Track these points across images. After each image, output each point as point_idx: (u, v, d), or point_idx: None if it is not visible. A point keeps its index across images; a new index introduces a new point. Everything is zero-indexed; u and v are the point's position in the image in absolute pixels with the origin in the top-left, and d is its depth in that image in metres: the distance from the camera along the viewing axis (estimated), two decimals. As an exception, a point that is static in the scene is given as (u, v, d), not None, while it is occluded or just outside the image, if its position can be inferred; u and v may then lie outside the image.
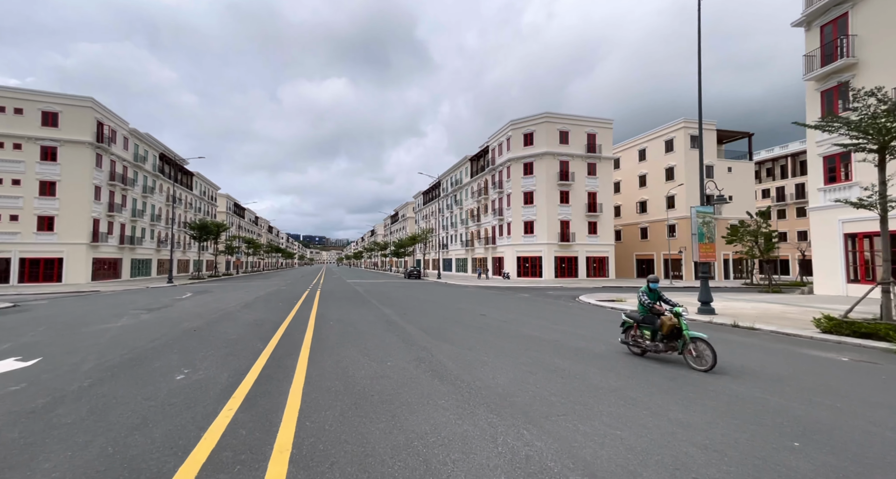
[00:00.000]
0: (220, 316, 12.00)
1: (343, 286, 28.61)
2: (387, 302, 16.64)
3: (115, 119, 38.79)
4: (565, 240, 38.78)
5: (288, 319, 11.34)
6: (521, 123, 40.29)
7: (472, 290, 25.53)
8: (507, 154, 41.87)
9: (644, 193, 43.95)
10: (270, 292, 22.53)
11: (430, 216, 73.57)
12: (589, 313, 13.26)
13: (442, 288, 27.41)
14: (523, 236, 39.93)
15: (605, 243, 40.12)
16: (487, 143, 47.78)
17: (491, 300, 17.86)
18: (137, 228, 43.91)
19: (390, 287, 27.91)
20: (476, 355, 6.95)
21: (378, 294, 21.15)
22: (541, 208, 39.02)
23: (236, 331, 9.24)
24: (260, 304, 15.91)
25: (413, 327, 9.87)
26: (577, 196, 39.51)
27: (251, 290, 25.17)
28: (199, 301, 17.50)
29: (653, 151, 42.61)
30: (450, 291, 24.60)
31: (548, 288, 27.36)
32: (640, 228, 44.52)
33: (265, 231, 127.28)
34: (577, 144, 39.65)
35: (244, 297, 19.49)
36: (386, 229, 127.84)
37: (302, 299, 18.22)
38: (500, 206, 43.55)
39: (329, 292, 22.35)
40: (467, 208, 54.42)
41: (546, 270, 38.32)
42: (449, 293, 22.26)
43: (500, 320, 11.21)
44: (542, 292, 23.28)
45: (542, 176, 38.98)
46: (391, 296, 19.97)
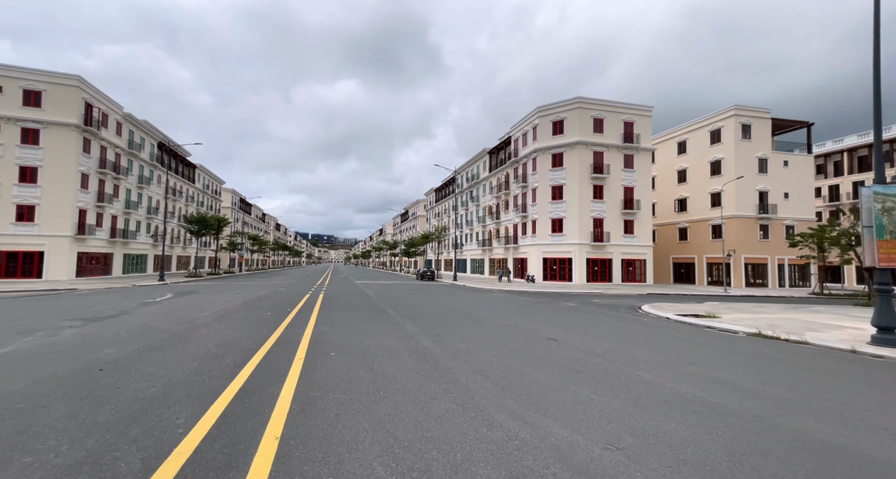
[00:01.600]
0: (172, 336, 8.32)
1: (350, 288, 24.94)
2: (406, 312, 12.87)
3: (107, 101, 35.67)
4: (598, 240, 34.70)
5: (268, 343, 7.61)
6: (549, 110, 36.32)
7: (501, 296, 21.66)
8: (532, 144, 37.92)
9: (683, 190, 39.66)
10: (264, 295, 18.91)
11: (443, 214, 69.83)
12: (694, 337, 9.33)
13: (464, 293, 23.58)
14: (550, 235, 35.93)
15: (643, 244, 35.93)
16: (509, 133, 43.86)
17: (536, 312, 13.98)
18: (131, 221, 40.82)
19: (405, 290, 24.16)
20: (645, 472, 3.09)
21: (392, 300, 17.39)
22: (571, 204, 34.99)
23: (171, 374, 5.51)
24: (242, 313, 12.23)
25: (464, 366, 6.05)
26: (611, 191, 35.40)
27: (244, 291, 21.61)
28: (169, 307, 13.91)
29: (695, 143, 38.31)
30: (476, 296, 20.76)
31: (585, 294, 23.34)
32: (678, 229, 40.23)
33: (272, 228, 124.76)
34: (612, 132, 35.55)
35: (229, 301, 15.87)
36: (395, 228, 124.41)
37: (299, 306, 14.54)
38: (523, 202, 39.60)
39: (334, 297, 18.66)
40: (485, 205, 50.53)
41: (577, 273, 34.27)
42: (478, 300, 18.42)
43: (584, 351, 7.36)
44: (585, 300, 19.32)
45: (574, 168, 34.94)
46: (409, 303, 16.21)
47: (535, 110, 37.25)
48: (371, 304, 15.58)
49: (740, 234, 34.01)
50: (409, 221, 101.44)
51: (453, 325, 10.39)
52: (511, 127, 43.35)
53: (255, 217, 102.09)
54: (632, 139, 35.53)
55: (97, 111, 34.13)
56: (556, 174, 35.90)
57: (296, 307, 13.86)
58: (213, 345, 7.34)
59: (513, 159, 41.54)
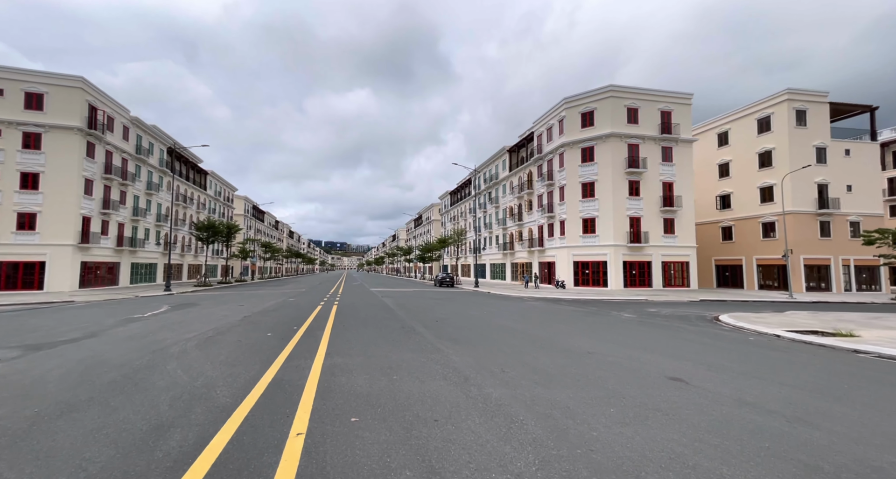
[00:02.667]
0: (118, 379, 5.83)
1: (367, 298, 22.44)
2: (441, 331, 10.21)
3: (112, 104, 34.29)
4: (636, 241, 31.53)
5: (254, 393, 5.04)
6: (578, 101, 33.50)
7: (537, 305, 18.82)
8: (559, 139, 35.09)
9: (726, 185, 36.20)
10: (270, 308, 16.51)
11: (459, 218, 67.25)
12: (864, 371, 6.42)
13: (494, 302, 20.81)
14: (582, 237, 32.91)
15: (685, 244, 32.59)
16: (532, 128, 41.12)
17: (599, 328, 11.16)
18: (139, 228, 39.34)
19: (427, 299, 21.52)
20: None
21: (418, 312, 14.75)
22: (604, 202, 31.96)
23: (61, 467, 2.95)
24: (236, 334, 9.75)
25: (593, 454, 3.37)
26: (649, 187, 32.26)
27: (250, 302, 19.29)
28: (153, 325, 11.55)
29: (739, 134, 34.91)
30: (510, 306, 17.98)
31: (630, 302, 20.26)
32: (720, 228, 36.72)
33: (286, 236, 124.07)
34: (648, 123, 32.49)
35: (228, 316, 13.47)
36: (409, 234, 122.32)
37: (308, 322, 12.03)
38: (549, 201, 36.70)
39: (349, 309, 16.13)
40: (505, 206, 47.73)
41: (613, 277, 31.12)
42: (515, 311, 15.64)
43: (738, 403, 4.56)
44: (638, 309, 16.34)
45: (607, 163, 31.96)
46: (439, 316, 13.54)
47: (562, 102, 34.48)
48: (395, 318, 12.97)
49: (797, 232, 30.40)
50: (423, 226, 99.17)
51: (510, 350, 7.69)
52: (533, 122, 40.64)
53: (268, 225, 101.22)
54: (669, 130, 32.40)
55: (101, 114, 32.72)
56: (587, 170, 32.95)
57: (304, 324, 11.34)
58: (167, 400, 4.79)
59: (536, 156, 38.75)
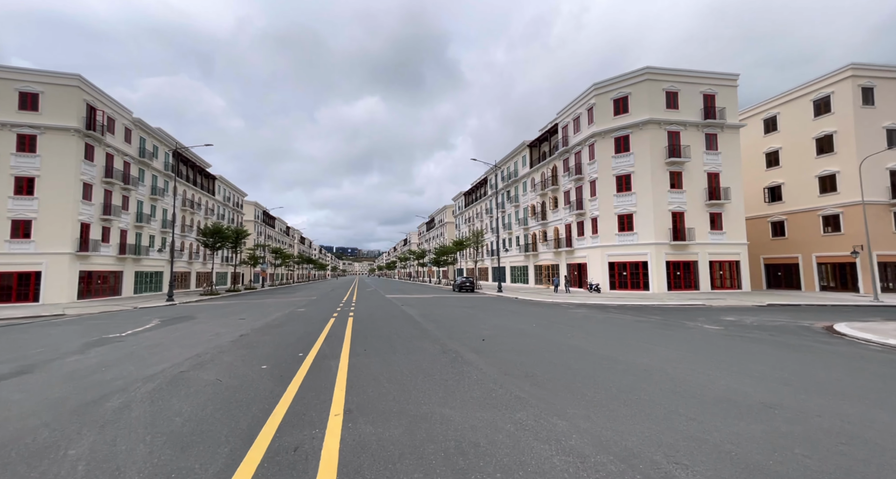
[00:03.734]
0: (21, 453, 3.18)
1: (385, 306, 19.79)
2: (500, 357, 7.44)
3: (113, 104, 32.55)
4: (679, 238, 28.32)
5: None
6: (609, 86, 30.54)
7: (590, 315, 15.88)
8: (588, 128, 32.14)
9: (775, 176, 32.74)
10: (274, 321, 13.94)
11: (475, 219, 64.46)
12: None
13: (534, 310, 17.95)
14: (617, 235, 29.82)
15: (734, 241, 29.25)
16: (556, 120, 38.24)
17: (699, 348, 8.23)
18: (144, 235, 37.50)
19: (455, 309, 18.76)
20: None
21: (453, 327, 11.99)
22: (643, 196, 28.86)
23: None
24: (217, 370, 7.12)
25: None
26: (692, 179, 29.07)
27: (253, 314, 16.80)
28: (122, 351, 9.03)
29: (790, 118, 31.49)
30: (559, 316, 15.09)
31: (687, 308, 17.14)
32: (769, 223, 33.21)
33: (297, 242, 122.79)
34: (689, 108, 29.37)
35: (220, 336, 10.91)
36: (420, 237, 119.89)
37: (317, 345, 9.38)
38: (578, 197, 33.69)
39: (368, 322, 13.47)
40: (527, 205, 44.80)
41: (655, 279, 27.93)
42: (575, 324, 12.76)
43: None
44: (709, 317, 13.28)
45: (644, 152, 28.90)
46: (483, 333, 10.76)
47: (591, 88, 31.56)
48: (427, 337, 10.23)
49: (867, 225, 26.78)
50: (436, 229, 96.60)
51: (634, 400, 4.88)
52: (557, 113, 37.77)
53: (279, 230, 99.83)
54: (714, 115, 29.20)
55: (101, 115, 30.95)
56: (622, 161, 29.90)
57: (313, 348, 8.69)
58: None
59: (562, 149, 35.83)
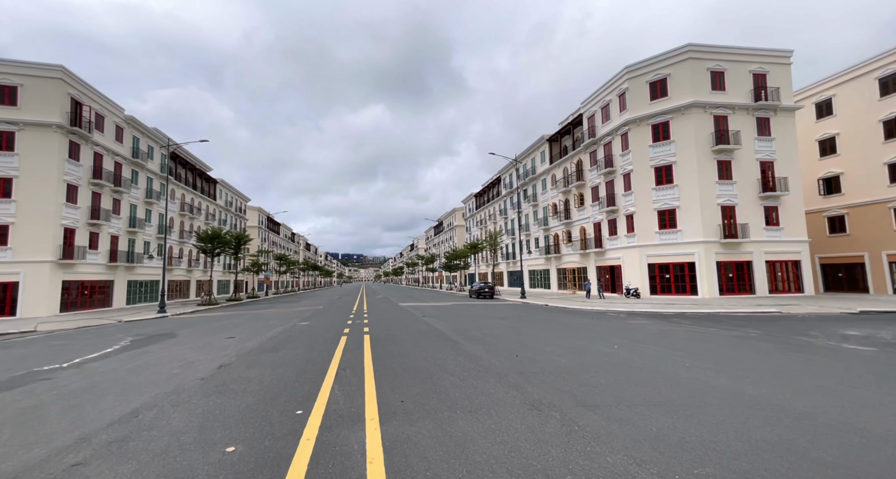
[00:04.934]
0: None
1: (404, 318, 16.69)
2: (631, 412, 4.37)
3: (101, 99, 30.09)
4: (731, 235, 25.04)
5: None
6: (644, 68, 27.52)
7: (665, 328, 12.67)
8: (620, 116, 29.08)
9: (832, 165, 29.38)
10: (268, 343, 10.90)
11: (487, 221, 61.40)
12: None
13: (586, 321, 14.77)
14: (658, 233, 26.59)
15: (794, 238, 25.89)
16: (580, 109, 35.22)
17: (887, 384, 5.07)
18: (138, 241, 34.89)
19: (486, 320, 15.62)
20: None
21: (498, 343, 8.87)
22: (687, 188, 25.67)
23: None
24: (160, 444, 4.08)
25: None
26: (742, 169, 25.84)
27: (248, 329, 13.80)
28: (29, 400, 6.03)
29: (849, 100, 28.22)
30: (619, 330, 11.90)
31: (765, 317, 13.79)
32: (825, 219, 29.77)
33: (302, 249, 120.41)
34: (738, 89, 26.23)
35: (194, 366, 7.87)
36: (428, 242, 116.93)
37: (326, 385, 6.33)
38: (609, 192, 30.53)
39: (390, 344, 10.38)
40: (547, 204, 41.66)
41: (705, 282, 24.61)
42: (654, 341, 9.58)
43: None
44: (824, 330, 10.02)
45: (688, 140, 25.76)
46: (556, 358, 7.64)
47: (623, 71, 28.55)
48: (488, 373, 7.10)
49: (949, 216, 23.48)
50: (445, 233, 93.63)
51: None
52: (581, 103, 34.77)
53: (284, 237, 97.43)
54: (766, 96, 26.03)
55: (88, 110, 28.48)
56: (661, 150, 26.77)
57: (319, 395, 5.62)
58: None
59: (588, 141, 32.76)
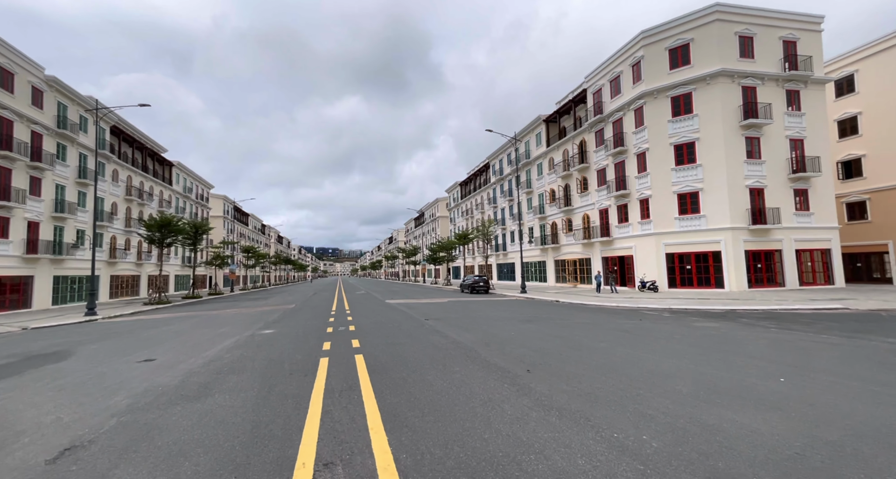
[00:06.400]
0: None
1: (399, 322, 12.82)
2: None
3: (10, 53, 24.25)
4: (759, 221, 22.48)
5: None
6: (663, 32, 24.39)
7: (733, 332, 9.38)
8: (634, 89, 25.95)
9: (852, 147, 27.44)
10: (198, 373, 6.79)
11: (474, 210, 57.90)
12: None
13: (615, 321, 11.37)
14: (678, 219, 23.76)
15: (824, 225, 23.65)
16: (583, 84, 31.91)
17: None
18: (67, 229, 29.19)
19: (505, 323, 11.99)
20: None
21: (559, 366, 5.25)
22: (712, 169, 22.87)
23: None
24: None
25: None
26: (772, 146, 23.28)
27: (179, 347, 9.55)
28: None
29: (874, 76, 26.17)
30: (676, 334, 8.54)
31: (824, 314, 10.97)
32: (844, 204, 27.91)
33: (273, 241, 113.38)
34: (767, 57, 23.54)
35: (11, 451, 3.82)
36: (408, 235, 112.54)
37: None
38: (619, 174, 27.50)
39: (398, 374, 6.52)
40: (543, 190, 38.45)
41: (732, 273, 21.98)
42: (739, 351, 6.22)
43: None
44: None
45: (713, 114, 22.90)
46: (669, 383, 4.10)
47: (638, 37, 25.36)
48: (616, 448, 3.43)
49: None
50: (427, 225, 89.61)
51: None
52: (585, 77, 31.45)
53: (254, 228, 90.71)
54: (796, 66, 23.49)
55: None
56: (682, 126, 23.84)
57: None
58: None
59: (595, 118, 29.56)
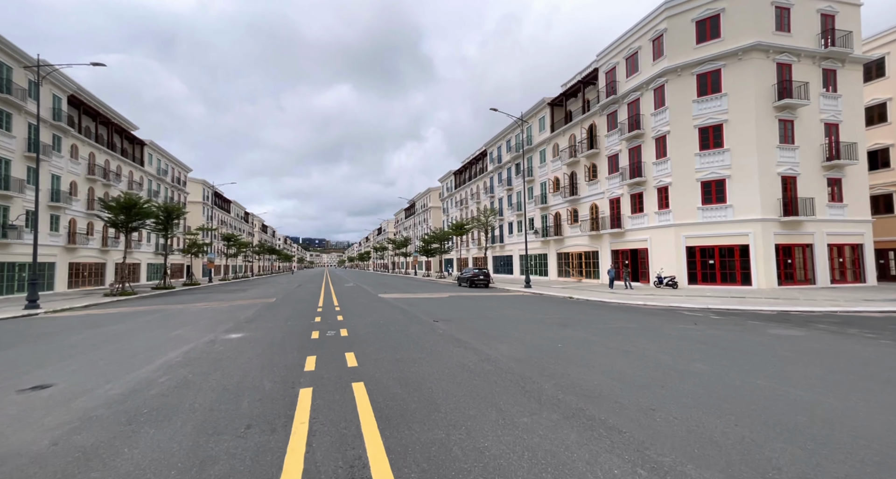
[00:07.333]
0: None
1: (403, 324, 10.28)
2: None
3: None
4: (791, 212, 20.50)
5: None
6: (690, 2, 21.97)
7: (823, 344, 7.14)
8: (654, 66, 23.59)
9: (881, 135, 25.70)
10: (102, 418, 4.23)
11: (469, 200, 55.36)
12: None
13: (656, 324, 9.09)
14: (701, 209, 21.66)
15: (857, 218, 21.86)
16: (595, 62, 29.42)
17: None
18: (13, 209, 25.71)
19: (535, 326, 9.60)
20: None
21: (683, 413, 2.92)
22: (742, 154, 20.75)
23: None
24: None
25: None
26: (805, 131, 21.26)
27: (104, 360, 6.81)
28: None
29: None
30: (741, 342, 6.27)
31: (886, 316, 8.92)
32: (869, 197, 26.23)
33: (258, 230, 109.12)
34: (804, 32, 21.41)
35: None
36: (398, 226, 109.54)
37: None
38: (635, 160, 25.27)
39: (428, 433, 4.04)
40: (546, 179, 36.09)
41: (761, 269, 20.01)
42: None
43: None
44: None
45: (745, 92, 20.71)
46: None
47: (661, 7, 22.93)
48: None
49: None
50: (418, 216, 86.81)
51: None
52: (597, 55, 28.98)
53: (236, 216, 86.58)
54: (834, 41, 21.43)
55: None
56: (709, 106, 21.63)
57: None
58: None
59: (607, 100, 27.18)
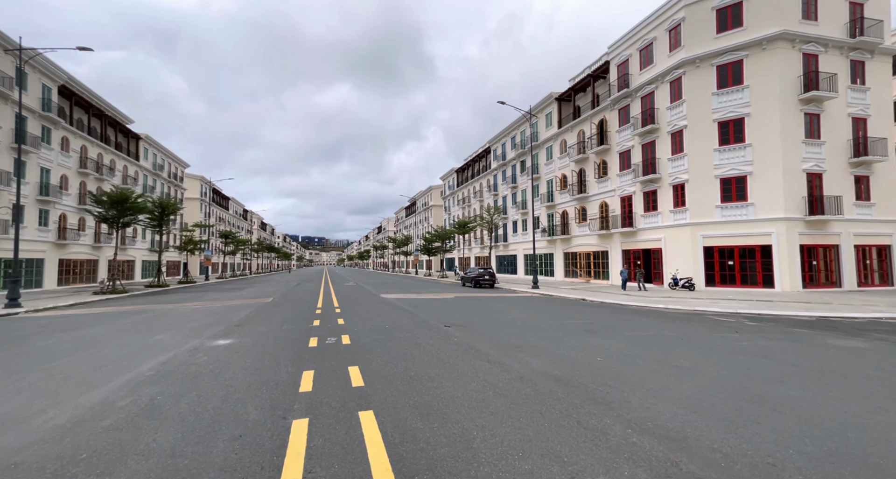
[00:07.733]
0: None
1: (412, 330, 9.16)
2: None
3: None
4: (816, 211, 19.39)
5: None
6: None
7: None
8: (671, 57, 22.47)
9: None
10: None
11: (472, 198, 54.24)
12: None
13: (702, 334, 7.99)
14: (720, 207, 20.55)
15: (885, 218, 20.74)
16: (607, 55, 28.28)
17: None
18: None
19: (564, 332, 8.48)
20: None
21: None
22: (765, 149, 19.63)
23: None
24: None
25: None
26: (832, 125, 20.14)
27: (63, 373, 5.68)
28: None
29: (936, 51, 23.22)
30: (828, 359, 5.18)
31: None
32: (891, 196, 25.10)
33: (256, 227, 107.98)
34: (831, 20, 20.29)
35: None
36: (398, 224, 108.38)
37: None
38: (648, 156, 24.15)
39: None
40: (553, 176, 34.97)
41: (786, 271, 18.91)
42: None
43: None
44: None
45: (770, 84, 19.57)
46: None
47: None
48: None
49: None
50: (419, 214, 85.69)
51: None
52: (609, 46, 27.85)
53: (235, 213, 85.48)
54: (863, 31, 20.30)
55: None
56: (730, 99, 20.50)
57: None
58: None
59: (619, 93, 26.05)
